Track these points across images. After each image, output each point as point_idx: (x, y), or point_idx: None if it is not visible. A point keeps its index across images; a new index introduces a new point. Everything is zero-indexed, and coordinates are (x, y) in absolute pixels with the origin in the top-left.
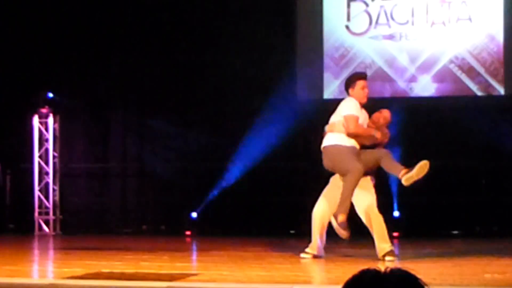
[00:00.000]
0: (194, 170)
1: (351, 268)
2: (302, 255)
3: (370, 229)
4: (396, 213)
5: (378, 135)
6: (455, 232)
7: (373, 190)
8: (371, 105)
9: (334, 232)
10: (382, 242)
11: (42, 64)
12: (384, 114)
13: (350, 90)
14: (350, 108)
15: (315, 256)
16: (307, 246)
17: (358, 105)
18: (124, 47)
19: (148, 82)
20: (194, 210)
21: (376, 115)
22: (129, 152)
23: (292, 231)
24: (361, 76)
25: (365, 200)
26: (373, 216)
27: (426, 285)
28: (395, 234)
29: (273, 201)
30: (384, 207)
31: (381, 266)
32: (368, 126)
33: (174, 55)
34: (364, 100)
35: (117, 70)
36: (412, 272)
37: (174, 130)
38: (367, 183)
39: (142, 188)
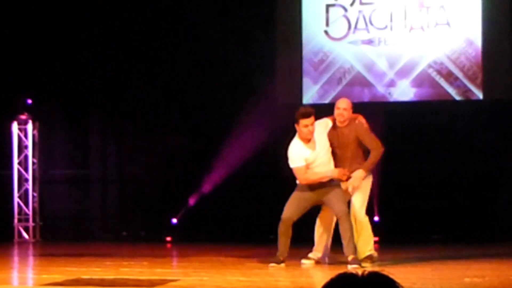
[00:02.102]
0: (173, 176)
1: (332, 273)
2: (304, 260)
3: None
4: (376, 218)
5: (334, 174)
6: (435, 236)
7: (366, 191)
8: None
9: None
10: (364, 245)
11: (21, 70)
12: None
13: (295, 125)
14: (292, 160)
15: (317, 262)
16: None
17: (302, 145)
18: (103, 53)
19: (126, 88)
20: (174, 216)
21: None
22: (108, 158)
23: (271, 236)
24: (304, 115)
25: (354, 202)
26: (358, 220)
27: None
28: (375, 238)
29: (253, 206)
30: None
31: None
32: (331, 145)
33: (154, 61)
34: (309, 137)
35: (96, 76)
36: (391, 276)
37: (154, 135)
38: (365, 182)
39: (122, 194)
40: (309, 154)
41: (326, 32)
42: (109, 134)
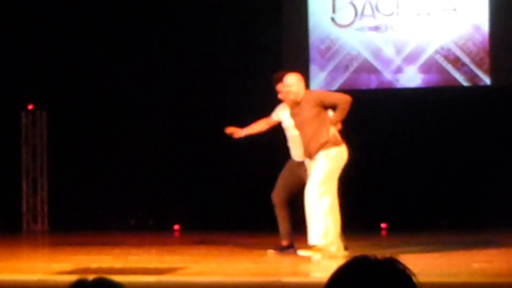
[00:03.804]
0: (183, 163)
1: (340, 260)
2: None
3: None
4: (383, 204)
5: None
6: (442, 222)
7: (324, 167)
8: (357, 97)
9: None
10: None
11: (30, 60)
12: None
13: None
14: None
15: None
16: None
17: (285, 106)
18: (113, 43)
19: (136, 76)
20: (182, 204)
21: None
22: (117, 146)
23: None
24: (274, 81)
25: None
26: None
27: (413, 274)
28: (383, 225)
29: (262, 194)
30: (371, 197)
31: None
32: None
33: (163, 51)
34: (285, 102)
35: (105, 66)
36: (403, 262)
37: (163, 120)
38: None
39: (130, 182)
40: (286, 117)
41: (332, 19)
42: (116, 121)
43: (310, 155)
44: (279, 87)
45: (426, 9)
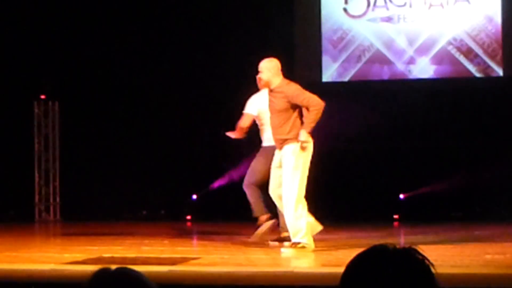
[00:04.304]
0: (195, 152)
1: (351, 251)
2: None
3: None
4: (401, 196)
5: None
6: (454, 214)
7: (292, 167)
8: (370, 88)
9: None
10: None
11: (43, 51)
12: None
13: None
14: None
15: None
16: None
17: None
18: (126, 33)
19: (148, 66)
20: (194, 194)
21: None
22: (129, 135)
23: None
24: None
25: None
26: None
27: (432, 264)
28: (396, 216)
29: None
30: (384, 188)
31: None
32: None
33: (179, 42)
34: (260, 87)
35: (118, 56)
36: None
37: (177, 110)
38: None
39: (142, 172)
40: (264, 108)
41: (345, 9)
42: (128, 111)
43: (276, 144)
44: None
45: (439, 0)
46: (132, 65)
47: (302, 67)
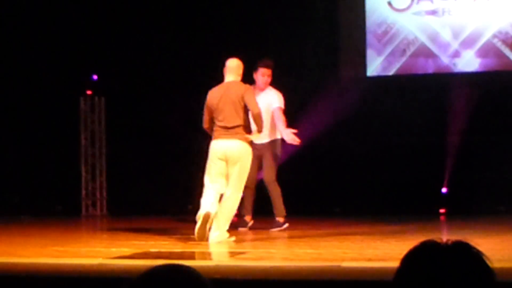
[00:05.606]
0: None
1: (398, 245)
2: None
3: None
4: (443, 189)
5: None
6: (501, 207)
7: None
8: (414, 82)
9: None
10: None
11: (89, 47)
12: None
13: (254, 74)
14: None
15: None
16: None
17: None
18: (169, 28)
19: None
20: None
21: None
22: (175, 130)
23: (336, 209)
24: (266, 64)
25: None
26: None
27: (488, 259)
28: (442, 210)
29: (317, 179)
30: (431, 182)
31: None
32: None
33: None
34: (263, 87)
35: (160, 50)
36: (476, 246)
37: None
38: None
39: (188, 168)
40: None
41: (389, 3)
42: (174, 106)
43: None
44: (267, 72)
45: None
46: (179, 60)
47: (347, 61)
